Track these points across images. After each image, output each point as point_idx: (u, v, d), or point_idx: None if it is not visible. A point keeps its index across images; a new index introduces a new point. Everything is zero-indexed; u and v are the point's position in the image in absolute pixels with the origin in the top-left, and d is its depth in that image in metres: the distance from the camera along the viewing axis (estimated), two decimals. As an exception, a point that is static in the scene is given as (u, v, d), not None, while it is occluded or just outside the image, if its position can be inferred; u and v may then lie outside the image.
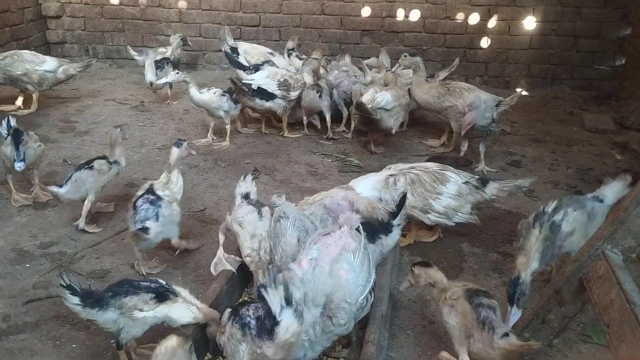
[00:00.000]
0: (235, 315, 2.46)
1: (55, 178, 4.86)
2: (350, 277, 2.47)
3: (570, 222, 3.16)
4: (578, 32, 8.19)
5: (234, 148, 5.79)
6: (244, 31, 8.73)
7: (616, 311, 2.01)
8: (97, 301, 2.56)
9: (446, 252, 3.97)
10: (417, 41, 8.51)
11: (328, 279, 2.44)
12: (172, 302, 2.63)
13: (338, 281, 2.45)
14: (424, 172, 3.84)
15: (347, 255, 2.50)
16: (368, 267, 2.56)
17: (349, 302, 2.45)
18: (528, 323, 2.58)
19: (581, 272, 2.34)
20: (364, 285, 2.51)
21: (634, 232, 2.21)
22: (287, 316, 2.20)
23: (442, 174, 3.84)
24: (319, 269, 2.46)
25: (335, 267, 2.47)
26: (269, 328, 2.26)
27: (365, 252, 2.59)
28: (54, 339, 3.01)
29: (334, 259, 2.49)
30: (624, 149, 6.07)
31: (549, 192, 4.97)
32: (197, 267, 3.70)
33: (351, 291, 2.46)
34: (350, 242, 2.56)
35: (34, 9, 8.59)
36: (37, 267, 3.64)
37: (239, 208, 3.29)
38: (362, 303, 2.52)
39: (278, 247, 2.94)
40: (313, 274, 2.45)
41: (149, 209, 3.44)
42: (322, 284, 2.43)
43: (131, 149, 5.61)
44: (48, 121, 6.29)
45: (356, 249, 2.53)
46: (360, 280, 2.49)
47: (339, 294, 2.44)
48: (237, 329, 2.39)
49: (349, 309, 2.46)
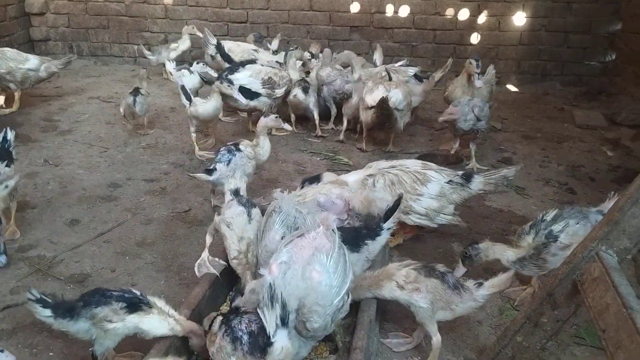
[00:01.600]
0: (227, 326, 2.35)
1: (35, 179, 4.74)
2: (322, 278, 2.35)
3: (570, 235, 3.02)
4: (568, 28, 8.15)
5: (220, 146, 5.67)
6: (231, 28, 8.61)
7: (612, 316, 1.92)
8: (68, 311, 2.47)
9: (437, 252, 3.89)
10: (407, 37, 8.43)
11: (300, 282, 2.34)
12: (144, 313, 2.51)
13: (310, 284, 2.34)
14: (404, 173, 3.69)
15: (320, 256, 2.39)
16: (344, 267, 2.45)
17: (322, 305, 2.34)
18: (520, 326, 2.49)
19: (575, 274, 2.26)
20: (339, 287, 2.40)
21: (629, 232, 2.13)
22: (282, 337, 2.14)
23: (423, 174, 3.69)
24: (290, 273, 2.36)
25: (307, 269, 2.36)
26: (261, 346, 2.19)
27: (340, 251, 2.48)
28: (30, 347, 2.90)
29: (306, 261, 2.39)
30: (615, 146, 6.02)
31: (540, 190, 4.91)
32: (180, 270, 3.59)
33: (324, 293, 2.35)
34: (325, 243, 2.46)
35: (17, 5, 8.43)
36: (15, 271, 3.52)
37: (229, 208, 3.18)
38: (337, 305, 2.42)
39: (262, 241, 2.86)
40: (284, 278, 2.35)
41: (225, 155, 4.12)
42: (294, 288, 2.33)
43: (115, 148, 5.49)
44: (30, 120, 6.14)
45: (330, 250, 2.42)
46: (335, 281, 2.38)
47: (311, 297, 2.33)
48: (228, 342, 2.29)
49: (322, 312, 2.35)
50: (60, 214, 4.21)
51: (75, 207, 4.32)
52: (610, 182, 5.06)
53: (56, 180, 4.75)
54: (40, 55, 8.78)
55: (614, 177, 5.18)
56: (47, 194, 4.52)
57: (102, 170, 5.00)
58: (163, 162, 5.23)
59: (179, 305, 2.87)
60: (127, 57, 8.92)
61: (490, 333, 3.10)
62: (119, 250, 3.80)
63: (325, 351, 2.81)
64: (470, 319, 3.21)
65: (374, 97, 5.19)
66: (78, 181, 4.76)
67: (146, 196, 4.55)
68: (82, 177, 4.85)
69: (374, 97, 5.19)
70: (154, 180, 4.84)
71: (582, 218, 3.10)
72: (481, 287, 2.76)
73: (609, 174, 5.29)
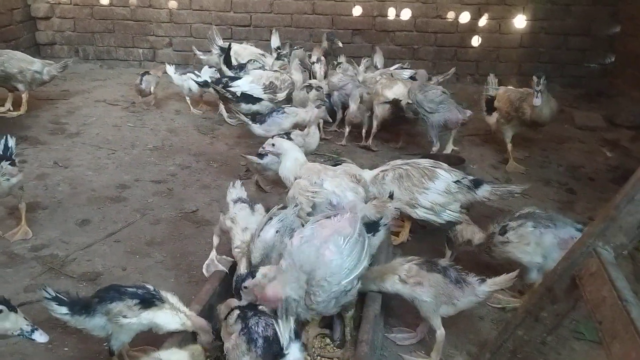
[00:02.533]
0: (244, 325, 2.45)
1: (45, 180, 4.83)
2: (334, 257, 2.58)
3: (518, 235, 3.22)
4: (568, 30, 8.23)
5: (225, 148, 5.78)
6: (234, 31, 8.70)
7: (608, 308, 2.01)
8: (84, 307, 2.55)
9: (439, 252, 3.96)
10: (408, 40, 8.52)
11: (312, 256, 2.57)
12: (157, 308, 2.59)
13: (322, 260, 2.57)
14: (413, 168, 3.87)
15: (338, 238, 2.63)
16: (359, 253, 2.67)
17: (329, 282, 2.55)
18: (521, 321, 2.57)
19: (573, 270, 2.34)
20: (350, 270, 2.62)
21: (625, 229, 2.21)
22: (294, 350, 2.23)
23: (432, 171, 3.84)
24: (307, 245, 2.61)
25: (322, 247, 2.59)
26: (274, 353, 2.27)
27: (360, 239, 2.70)
28: (45, 343, 2.98)
29: (324, 239, 2.62)
30: (615, 146, 6.11)
31: (540, 190, 4.99)
32: (189, 269, 3.69)
33: (333, 271, 2.56)
34: (346, 227, 2.69)
35: (23, 10, 8.52)
36: (28, 270, 3.62)
37: (232, 207, 3.31)
38: (345, 287, 2.61)
39: (258, 233, 2.98)
40: (300, 248, 2.61)
41: None
42: (306, 259, 2.57)
43: (122, 150, 5.59)
44: (38, 123, 6.24)
45: (348, 235, 2.65)
46: (347, 264, 2.60)
47: (320, 272, 2.55)
48: (243, 341, 2.39)
49: (328, 288, 2.56)
50: (71, 215, 4.31)
51: (86, 208, 4.42)
52: (609, 183, 5.15)
53: (66, 182, 4.84)
54: (46, 59, 8.91)
55: (613, 177, 5.26)
56: (57, 195, 4.61)
57: (111, 171, 5.09)
58: (170, 164, 5.32)
59: (189, 302, 2.96)
60: (133, 60, 9.01)
61: (492, 328, 3.18)
62: (129, 249, 3.89)
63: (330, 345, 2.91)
64: (473, 314, 3.29)
65: (394, 91, 5.37)
66: (87, 182, 4.86)
67: (154, 197, 4.64)
68: (91, 178, 4.94)
69: (394, 91, 5.37)
70: (161, 182, 4.93)
71: (546, 226, 3.19)
72: (483, 284, 2.85)
73: (608, 174, 5.37)
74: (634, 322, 1.83)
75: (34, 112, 6.55)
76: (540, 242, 3.18)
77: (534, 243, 3.19)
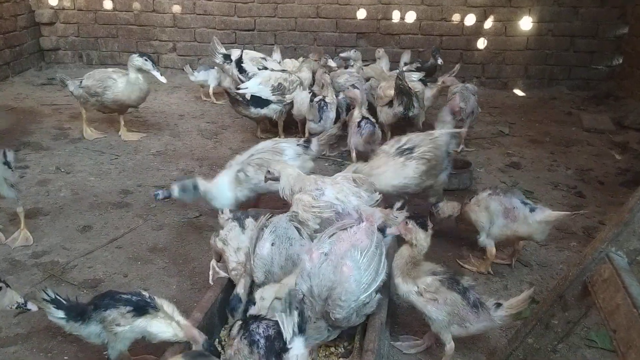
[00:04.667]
0: (245, 330, 2.39)
1: (47, 186, 4.80)
2: (352, 274, 2.53)
3: (477, 199, 3.65)
4: (575, 32, 8.17)
5: (229, 153, 5.72)
6: (238, 35, 8.68)
7: (623, 316, 1.94)
8: (80, 314, 2.50)
9: (446, 256, 3.90)
10: (413, 43, 8.47)
11: (331, 275, 2.52)
12: (151, 316, 2.52)
13: (339, 278, 2.52)
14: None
15: (355, 252, 2.57)
16: (377, 265, 2.61)
17: (346, 300, 2.50)
18: (531, 328, 2.50)
19: (585, 276, 2.27)
20: (369, 284, 2.57)
21: (639, 234, 2.14)
22: (298, 344, 2.18)
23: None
24: (325, 264, 2.55)
25: (339, 263, 2.53)
26: (277, 351, 2.23)
27: (377, 251, 2.65)
28: (45, 351, 2.94)
29: (341, 255, 2.56)
30: (624, 149, 6.02)
31: (548, 194, 4.92)
32: (192, 275, 3.63)
33: (351, 289, 2.51)
34: (363, 239, 2.64)
35: (27, 15, 8.54)
36: (29, 277, 3.57)
37: (222, 228, 3.28)
38: (364, 300, 2.57)
39: (254, 251, 2.90)
40: (319, 269, 2.55)
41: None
42: (326, 279, 2.53)
43: (125, 155, 5.55)
44: (41, 129, 6.22)
45: (366, 247, 2.60)
46: (365, 278, 2.56)
47: (337, 291, 2.50)
48: (245, 345, 2.33)
49: (346, 305, 2.51)
50: (73, 221, 4.27)
51: (87, 214, 4.37)
52: (619, 186, 5.06)
53: (68, 188, 4.81)
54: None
55: (623, 180, 5.17)
56: (59, 200, 4.57)
57: (113, 177, 5.05)
58: (173, 169, 5.27)
59: (191, 309, 2.91)
60: (136, 65, 8.99)
61: (501, 335, 3.10)
62: (131, 255, 3.84)
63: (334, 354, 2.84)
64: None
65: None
66: (90, 188, 4.82)
67: (157, 202, 4.59)
68: (93, 184, 4.90)
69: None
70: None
71: (497, 194, 3.58)
72: (499, 308, 2.75)
73: (617, 177, 5.29)
74: (651, 331, 1.76)
75: (37, 118, 6.54)
76: (488, 206, 3.55)
77: (483, 207, 3.57)
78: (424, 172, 3.84)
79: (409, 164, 3.84)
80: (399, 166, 3.85)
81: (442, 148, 3.94)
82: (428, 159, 3.85)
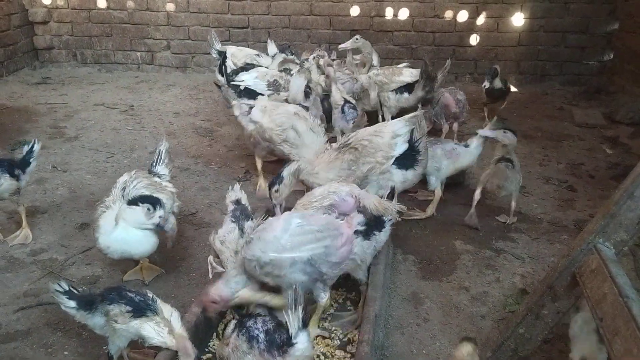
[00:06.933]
0: (241, 327, 2.42)
1: (44, 185, 4.83)
2: (279, 228, 2.71)
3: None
4: (566, 28, 8.23)
5: (224, 150, 5.77)
6: (232, 33, 8.70)
7: (609, 305, 2.00)
8: (88, 304, 2.55)
9: (439, 250, 3.96)
10: (407, 40, 8.52)
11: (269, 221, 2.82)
12: (147, 319, 2.52)
13: (267, 225, 2.77)
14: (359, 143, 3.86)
15: (295, 219, 2.75)
16: (308, 244, 2.69)
17: (255, 243, 2.69)
18: (522, 319, 2.56)
19: (574, 267, 2.33)
20: (284, 248, 2.66)
21: (625, 225, 2.20)
22: (303, 339, 2.23)
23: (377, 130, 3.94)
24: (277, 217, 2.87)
25: (274, 222, 2.78)
26: (279, 344, 2.27)
27: (318, 234, 2.72)
28: (45, 347, 2.98)
29: (290, 215, 2.81)
30: (614, 143, 6.10)
31: (540, 188, 4.98)
32: (189, 271, 3.68)
33: (266, 238, 2.69)
34: (319, 221, 2.79)
35: (21, 14, 8.53)
36: (28, 274, 3.61)
37: (222, 226, 3.31)
38: (272, 259, 2.66)
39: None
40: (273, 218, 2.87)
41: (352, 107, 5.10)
42: (267, 223, 2.79)
43: (121, 154, 5.58)
44: (37, 127, 6.24)
45: (309, 224, 2.74)
46: (284, 241, 2.67)
47: (258, 233, 2.75)
48: (244, 341, 2.35)
49: (253, 248, 2.69)
50: (70, 219, 4.30)
51: (85, 212, 4.41)
52: (609, 180, 5.14)
53: (65, 186, 4.84)
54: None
55: (614, 174, 5.24)
56: (56, 199, 4.61)
57: (110, 175, 5.08)
58: (169, 167, 5.30)
59: (189, 304, 2.96)
60: (131, 64, 9.01)
61: (493, 327, 3.16)
62: (129, 252, 3.88)
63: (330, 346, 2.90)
64: (474, 314, 3.28)
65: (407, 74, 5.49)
66: (86, 186, 4.85)
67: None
68: (90, 182, 4.94)
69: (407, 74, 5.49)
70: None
71: (436, 143, 4.32)
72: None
73: (608, 171, 5.36)
74: (635, 318, 1.82)
75: (33, 117, 6.55)
76: (434, 155, 4.18)
77: (430, 156, 4.06)
78: (352, 161, 3.80)
79: (340, 156, 3.86)
80: (332, 159, 3.87)
81: (386, 136, 3.85)
82: (356, 148, 3.82)
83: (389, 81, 5.55)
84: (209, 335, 2.94)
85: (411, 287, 3.53)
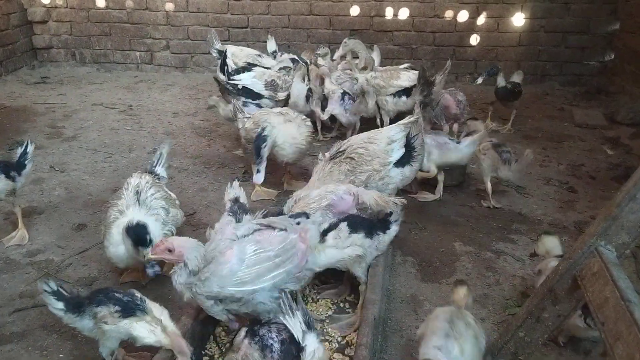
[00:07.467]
0: (254, 335, 2.37)
1: (41, 185, 4.80)
2: (230, 262, 2.56)
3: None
4: (567, 28, 8.20)
5: (223, 150, 5.74)
6: (232, 33, 8.67)
7: (611, 309, 1.97)
8: (76, 306, 2.52)
9: (439, 252, 3.93)
10: (407, 40, 8.49)
11: (217, 249, 2.63)
12: (137, 319, 2.49)
13: (219, 258, 2.59)
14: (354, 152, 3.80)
15: (248, 247, 2.60)
16: (266, 272, 2.56)
17: (213, 281, 2.55)
18: (522, 322, 2.53)
19: (575, 270, 2.31)
20: (243, 281, 2.54)
21: (627, 228, 2.17)
22: (312, 340, 2.21)
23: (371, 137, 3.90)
24: (225, 242, 2.66)
25: (229, 246, 2.62)
26: (295, 354, 2.24)
27: (276, 260, 2.59)
28: (40, 349, 2.95)
29: (242, 242, 2.63)
30: (615, 144, 6.07)
31: (540, 189, 4.95)
32: (187, 272, 3.64)
33: (220, 273, 2.55)
34: (273, 243, 2.62)
35: (20, 14, 8.50)
36: (24, 275, 3.58)
37: (220, 220, 3.24)
38: (232, 292, 2.56)
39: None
40: (220, 241, 2.67)
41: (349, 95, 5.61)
42: (216, 252, 2.63)
43: (119, 154, 5.55)
44: (35, 127, 6.21)
45: (264, 250, 2.59)
46: (242, 273, 2.55)
47: (211, 267, 2.58)
48: (256, 349, 2.31)
49: (209, 286, 2.55)
50: (67, 219, 4.27)
51: (82, 212, 4.38)
52: (610, 180, 5.11)
53: (62, 186, 4.81)
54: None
55: (614, 175, 5.22)
56: (53, 199, 4.58)
57: (107, 175, 5.06)
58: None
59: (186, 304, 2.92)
60: (130, 63, 8.99)
61: (493, 330, 3.13)
62: (126, 253, 3.85)
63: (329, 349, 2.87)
64: (474, 316, 3.24)
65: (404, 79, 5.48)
66: (84, 186, 4.82)
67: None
68: (87, 182, 4.91)
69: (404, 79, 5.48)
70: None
71: (428, 134, 4.42)
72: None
73: (609, 172, 5.33)
74: (638, 322, 1.79)
75: (31, 116, 6.53)
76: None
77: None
78: (350, 171, 3.73)
79: (335, 167, 3.77)
80: (327, 172, 3.77)
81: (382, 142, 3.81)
82: (352, 157, 3.76)
83: (387, 85, 5.52)
84: (205, 337, 2.91)
85: (410, 289, 3.50)
